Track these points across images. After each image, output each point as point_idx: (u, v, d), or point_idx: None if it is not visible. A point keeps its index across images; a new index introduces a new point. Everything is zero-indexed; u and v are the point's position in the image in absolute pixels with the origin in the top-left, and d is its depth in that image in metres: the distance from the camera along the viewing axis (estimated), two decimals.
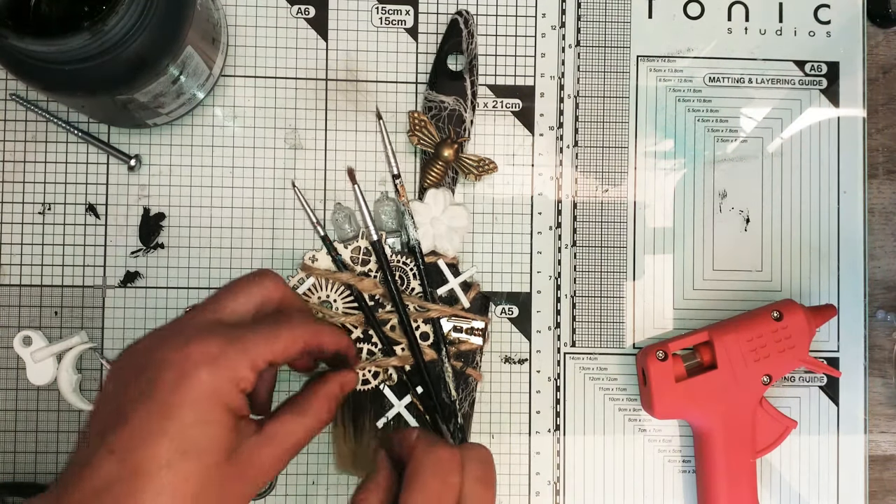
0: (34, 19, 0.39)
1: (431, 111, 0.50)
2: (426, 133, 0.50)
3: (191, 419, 0.36)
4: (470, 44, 0.50)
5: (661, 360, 0.48)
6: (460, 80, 0.50)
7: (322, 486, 0.51)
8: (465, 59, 0.50)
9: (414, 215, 0.49)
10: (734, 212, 0.53)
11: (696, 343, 0.49)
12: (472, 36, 0.50)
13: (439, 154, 0.50)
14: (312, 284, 0.49)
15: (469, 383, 0.50)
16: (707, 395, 0.48)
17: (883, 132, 0.54)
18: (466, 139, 0.51)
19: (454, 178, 0.51)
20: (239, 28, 0.51)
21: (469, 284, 0.50)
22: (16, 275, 0.50)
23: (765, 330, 0.48)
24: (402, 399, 0.49)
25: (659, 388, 0.48)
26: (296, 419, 0.40)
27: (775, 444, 0.49)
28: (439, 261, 0.50)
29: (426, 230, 0.50)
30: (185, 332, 0.38)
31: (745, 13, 0.53)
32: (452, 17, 0.51)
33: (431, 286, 0.50)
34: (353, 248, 0.49)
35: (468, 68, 0.50)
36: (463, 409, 0.49)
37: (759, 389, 0.49)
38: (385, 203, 0.50)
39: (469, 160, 0.50)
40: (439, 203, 0.50)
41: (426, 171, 0.50)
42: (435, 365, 0.49)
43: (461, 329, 0.50)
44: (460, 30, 0.50)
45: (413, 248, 0.49)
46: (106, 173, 0.50)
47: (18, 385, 0.50)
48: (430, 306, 0.49)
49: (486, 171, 0.50)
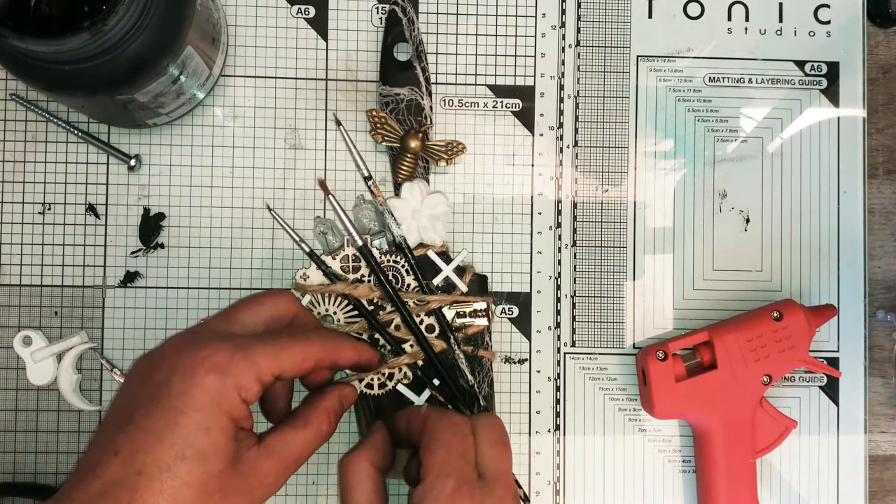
0: (34, 19, 0.39)
1: (389, 105, 0.50)
2: (388, 129, 0.50)
3: (194, 424, 0.36)
4: (412, 30, 0.50)
5: (661, 360, 0.48)
6: (411, 69, 0.50)
7: (322, 486, 0.51)
8: (411, 46, 0.50)
9: (394, 212, 0.49)
10: (734, 212, 0.53)
11: (697, 343, 0.49)
12: (412, 23, 0.50)
13: (406, 147, 0.50)
14: (309, 301, 0.49)
15: (483, 364, 0.50)
16: (707, 395, 0.48)
17: (883, 132, 0.54)
18: (429, 126, 0.50)
19: (426, 168, 0.51)
20: (239, 28, 0.51)
21: (463, 269, 0.50)
22: (16, 275, 0.50)
23: (765, 330, 0.48)
24: (422, 394, 0.49)
25: (659, 388, 0.48)
26: (295, 433, 0.41)
27: (775, 443, 0.49)
28: (428, 251, 0.50)
29: (409, 224, 0.49)
30: (196, 340, 0.39)
31: (745, 13, 0.53)
32: (390, 7, 0.51)
33: (426, 278, 0.50)
34: (342, 257, 0.49)
35: (416, 55, 0.50)
36: (483, 390, 0.49)
37: (759, 389, 0.49)
38: (363, 207, 0.50)
39: (436, 146, 0.50)
40: (416, 195, 0.49)
41: (397, 166, 0.50)
42: (446, 354, 0.49)
43: (464, 314, 0.50)
44: (399, 19, 0.50)
45: (400, 244, 0.49)
46: (106, 173, 0.50)
47: (18, 385, 0.50)
48: (429, 298, 0.49)
49: (455, 153, 0.50)
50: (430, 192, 0.50)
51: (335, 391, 0.44)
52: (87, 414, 0.50)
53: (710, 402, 0.48)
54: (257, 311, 0.43)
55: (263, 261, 0.51)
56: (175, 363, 0.37)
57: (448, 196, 0.51)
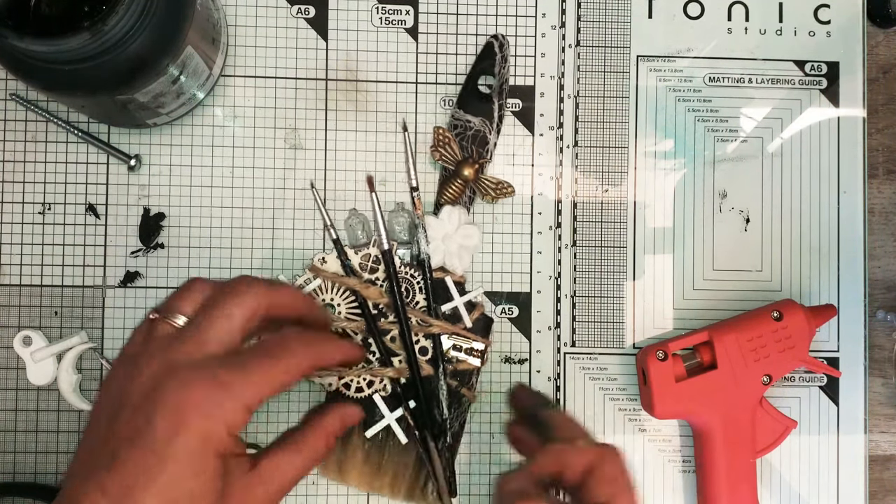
0: (34, 19, 0.39)
1: (456, 129, 0.50)
2: (449, 150, 0.50)
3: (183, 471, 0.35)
4: (502, 68, 0.50)
5: (662, 360, 0.48)
6: (488, 103, 0.50)
7: (322, 486, 0.51)
8: (496, 82, 0.50)
9: (427, 229, 0.49)
10: (734, 212, 0.53)
11: (697, 343, 0.49)
12: (504, 60, 0.50)
13: (459, 172, 0.50)
14: (319, 286, 0.49)
15: (462, 403, 0.50)
16: (707, 395, 0.48)
17: (883, 132, 0.54)
18: (488, 161, 0.51)
19: (471, 198, 0.51)
20: (239, 28, 0.51)
21: (473, 304, 0.50)
22: (16, 275, 0.50)
23: (765, 330, 0.48)
24: (394, 412, 0.49)
25: (659, 388, 0.48)
26: (291, 460, 0.39)
27: (775, 444, 0.49)
28: (447, 277, 0.50)
29: (437, 246, 0.50)
30: (175, 372, 0.36)
31: (745, 13, 0.53)
32: (488, 39, 0.51)
33: (436, 302, 0.50)
34: (364, 254, 0.49)
35: (498, 92, 0.50)
36: (453, 428, 0.49)
37: (759, 389, 0.49)
38: (400, 214, 0.50)
39: (488, 182, 0.50)
40: (454, 220, 0.50)
41: (444, 188, 0.50)
42: (431, 381, 0.49)
43: (460, 348, 0.50)
44: (494, 53, 0.50)
45: (423, 261, 0.49)
46: (106, 173, 0.50)
47: (18, 385, 0.50)
48: (432, 321, 0.49)
49: (503, 194, 0.50)
50: (467, 222, 0.50)
51: (337, 411, 0.42)
52: (88, 414, 0.50)
53: (710, 402, 0.48)
54: (229, 324, 0.38)
55: (263, 261, 0.51)
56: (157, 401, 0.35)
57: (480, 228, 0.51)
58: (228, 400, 0.36)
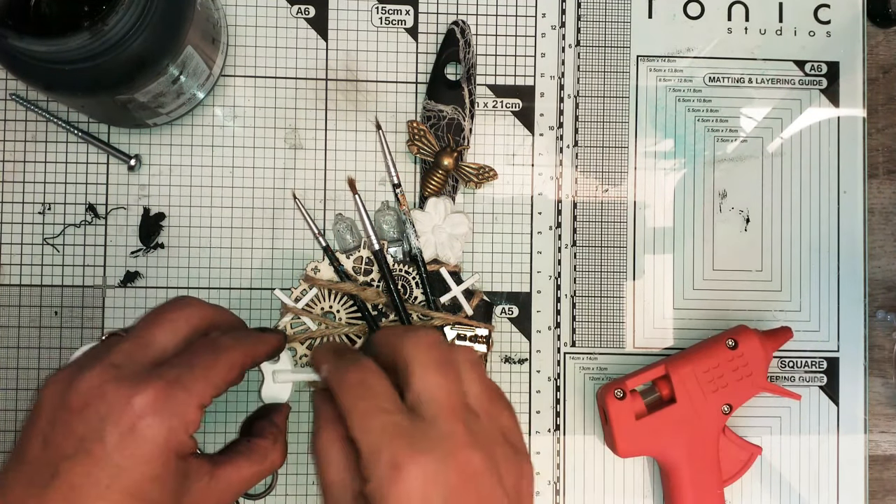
0: (34, 19, 0.39)
1: (430, 120, 0.50)
2: (425, 142, 0.50)
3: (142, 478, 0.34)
4: (467, 53, 0.50)
5: (620, 399, 0.48)
6: (458, 89, 0.50)
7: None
8: (463, 68, 0.50)
9: (415, 224, 0.49)
10: (734, 212, 0.53)
11: (654, 378, 0.49)
12: (468, 45, 0.50)
13: (439, 163, 0.50)
14: (315, 295, 0.49)
15: None
16: (669, 429, 0.48)
17: (883, 132, 0.54)
18: (466, 147, 0.51)
19: (454, 187, 0.51)
20: (239, 28, 0.51)
21: (472, 292, 0.50)
22: (16, 275, 0.50)
23: (721, 359, 0.48)
24: None
25: (620, 427, 0.48)
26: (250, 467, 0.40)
27: (741, 471, 0.49)
28: (441, 269, 0.50)
29: (428, 238, 0.50)
30: (119, 377, 0.35)
31: (745, 13, 0.53)
32: (449, 26, 0.51)
33: (434, 294, 0.50)
34: (355, 258, 0.49)
35: (466, 77, 0.50)
36: None
37: (720, 419, 0.48)
38: (386, 212, 0.50)
39: (469, 168, 0.50)
40: (440, 211, 0.50)
41: (426, 181, 0.50)
42: None
43: (465, 337, 0.50)
44: (457, 39, 0.50)
45: (415, 256, 0.49)
46: (106, 173, 0.50)
47: (18, 385, 0.50)
48: (433, 314, 0.49)
49: (485, 178, 0.51)
50: (453, 211, 0.50)
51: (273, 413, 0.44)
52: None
53: (673, 436, 0.48)
54: (174, 331, 0.39)
55: (263, 261, 0.51)
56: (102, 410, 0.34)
57: (469, 217, 0.51)
58: (178, 395, 0.35)
